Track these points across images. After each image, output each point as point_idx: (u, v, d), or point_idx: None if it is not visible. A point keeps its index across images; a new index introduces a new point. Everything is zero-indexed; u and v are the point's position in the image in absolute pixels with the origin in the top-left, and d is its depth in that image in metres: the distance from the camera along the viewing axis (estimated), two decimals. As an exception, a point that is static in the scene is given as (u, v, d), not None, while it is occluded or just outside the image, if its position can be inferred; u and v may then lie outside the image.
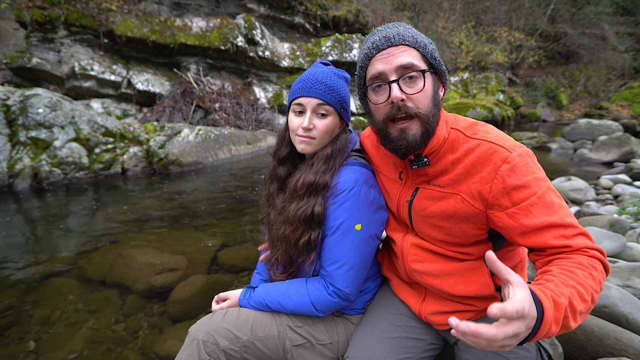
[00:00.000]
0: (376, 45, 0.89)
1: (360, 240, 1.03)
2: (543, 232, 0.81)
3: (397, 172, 1.06)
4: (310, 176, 1.05)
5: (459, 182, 0.91)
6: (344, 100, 1.11)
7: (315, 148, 1.09)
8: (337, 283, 1.03)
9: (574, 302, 0.68)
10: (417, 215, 1.01)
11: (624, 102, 19.09)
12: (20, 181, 4.91)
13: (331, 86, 1.06)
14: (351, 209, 1.01)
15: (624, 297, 1.35)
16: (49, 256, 2.96)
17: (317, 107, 1.06)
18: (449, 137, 0.93)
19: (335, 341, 1.11)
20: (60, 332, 2.05)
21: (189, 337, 1.05)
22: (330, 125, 1.08)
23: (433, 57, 0.90)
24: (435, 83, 0.91)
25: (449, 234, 0.96)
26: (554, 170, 6.17)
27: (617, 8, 21.60)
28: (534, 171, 0.85)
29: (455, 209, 0.92)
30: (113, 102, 8.77)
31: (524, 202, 0.82)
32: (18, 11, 7.63)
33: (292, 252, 1.09)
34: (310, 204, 1.04)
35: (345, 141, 1.11)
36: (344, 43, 11.14)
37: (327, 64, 1.16)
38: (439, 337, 1.12)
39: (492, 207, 0.87)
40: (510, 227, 0.85)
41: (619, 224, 2.57)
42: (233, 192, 4.87)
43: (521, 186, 0.83)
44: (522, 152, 0.86)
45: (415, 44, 0.88)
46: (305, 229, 1.05)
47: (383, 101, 0.89)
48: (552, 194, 0.84)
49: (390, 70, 0.87)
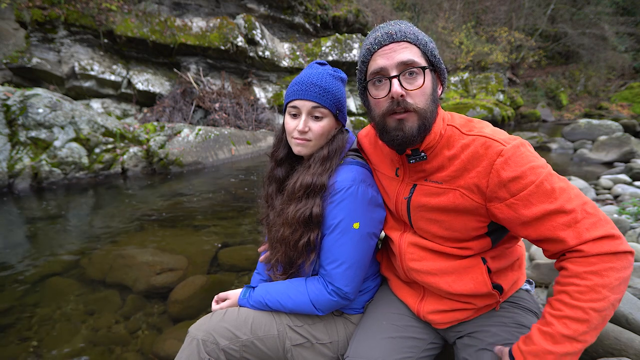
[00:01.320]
0: (378, 41, 0.89)
1: (358, 239, 1.03)
2: (545, 220, 0.81)
3: (394, 170, 1.06)
4: (308, 178, 1.05)
5: (457, 177, 0.92)
6: (339, 101, 1.10)
7: (312, 150, 1.10)
8: (336, 282, 1.04)
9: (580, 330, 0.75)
10: (416, 212, 1.01)
11: (624, 102, 19.08)
12: (20, 181, 4.91)
13: (326, 88, 1.06)
14: (349, 208, 1.02)
15: (624, 297, 1.35)
16: (49, 256, 2.96)
17: (312, 109, 1.06)
18: (445, 133, 0.94)
19: (335, 340, 1.12)
20: (60, 332, 2.05)
21: (189, 336, 1.05)
22: (325, 128, 1.08)
23: (433, 55, 0.91)
24: (434, 81, 0.92)
25: (449, 228, 0.96)
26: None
27: (617, 8, 21.60)
28: (530, 160, 0.84)
29: (455, 203, 0.93)
30: (113, 102, 8.77)
31: (522, 192, 0.82)
32: (18, 11, 7.63)
33: (291, 254, 1.09)
34: (308, 206, 1.04)
35: (341, 142, 1.11)
36: (344, 43, 11.14)
37: (323, 64, 1.15)
38: (438, 336, 1.12)
39: (492, 200, 0.88)
40: (511, 218, 0.85)
41: (619, 224, 2.57)
42: (233, 192, 4.88)
43: (517, 177, 0.83)
44: (516, 144, 0.86)
45: (417, 41, 0.89)
46: (304, 231, 1.05)
47: (383, 96, 0.90)
48: (554, 178, 0.83)
49: (391, 66, 0.87)
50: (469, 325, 1.03)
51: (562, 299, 0.78)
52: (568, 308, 0.76)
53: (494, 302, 1.01)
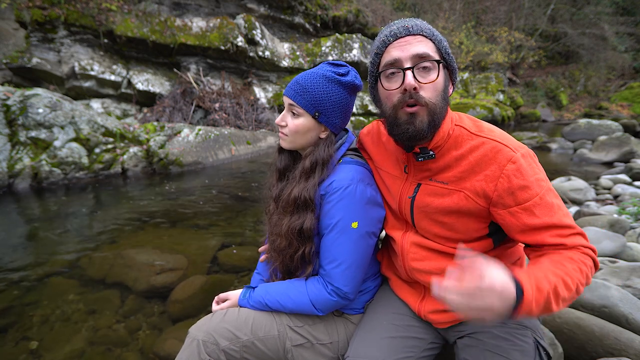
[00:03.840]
0: (394, 33, 0.90)
1: (357, 238, 1.03)
2: (542, 231, 0.86)
3: (399, 168, 1.06)
4: (296, 191, 1.07)
5: (463, 179, 0.92)
6: (321, 103, 1.05)
7: (290, 145, 1.12)
8: (335, 282, 1.04)
9: (559, 289, 0.74)
10: (419, 212, 1.01)
11: (624, 102, 19.08)
12: (20, 181, 4.91)
13: (305, 88, 1.05)
14: (347, 207, 1.02)
15: (624, 297, 1.35)
16: (49, 256, 2.96)
17: (289, 106, 1.09)
18: (453, 133, 0.94)
19: (335, 341, 1.12)
20: (60, 332, 2.05)
21: (189, 337, 1.05)
22: (300, 127, 1.08)
23: (447, 52, 0.91)
24: (446, 78, 0.92)
25: (451, 229, 0.97)
26: (554, 170, 6.17)
27: (617, 8, 21.60)
28: (536, 172, 0.88)
29: (459, 205, 0.93)
30: (113, 102, 8.77)
31: (527, 202, 0.86)
32: (18, 11, 7.63)
33: (289, 264, 1.12)
34: (300, 220, 1.06)
35: (325, 153, 1.08)
36: (344, 43, 11.14)
37: (334, 64, 1.10)
38: (438, 336, 1.12)
39: (496, 205, 0.89)
40: (512, 225, 0.89)
41: (618, 224, 2.57)
42: (233, 192, 4.88)
43: (525, 186, 0.86)
44: (525, 153, 0.89)
45: (432, 36, 0.89)
46: (299, 244, 1.07)
47: (396, 87, 0.89)
48: (552, 194, 0.88)
49: (405, 58, 0.87)
50: (469, 325, 1.03)
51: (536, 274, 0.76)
52: (566, 275, 0.77)
53: None
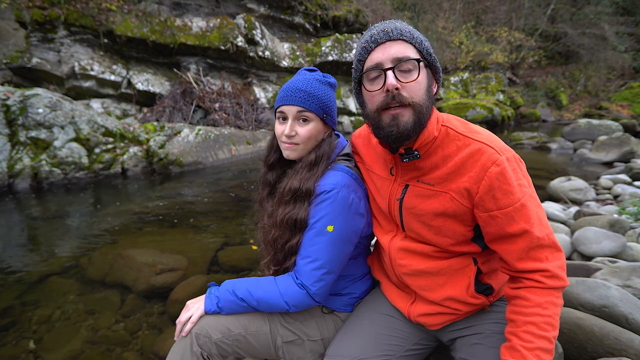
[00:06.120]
0: (375, 39, 0.90)
1: (330, 242, 1.04)
2: (517, 239, 0.87)
3: (387, 170, 1.06)
4: (295, 183, 1.08)
5: (449, 180, 0.93)
6: (326, 105, 1.11)
7: (300, 154, 1.12)
8: (304, 278, 1.04)
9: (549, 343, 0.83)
10: (407, 213, 1.01)
11: (624, 102, 19.09)
12: (20, 181, 4.91)
13: (311, 93, 1.08)
14: (326, 210, 1.03)
15: (624, 297, 1.35)
16: (49, 256, 2.96)
17: (297, 114, 1.08)
18: (440, 133, 0.94)
19: (326, 337, 1.14)
20: (60, 332, 2.05)
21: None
22: (312, 131, 1.10)
23: (428, 53, 0.92)
24: (429, 77, 0.92)
25: (438, 233, 0.97)
26: (554, 170, 6.17)
27: (617, 8, 21.60)
28: (519, 177, 0.88)
29: (445, 207, 0.94)
30: (113, 102, 8.77)
31: (508, 208, 0.86)
32: (18, 11, 7.63)
33: (279, 256, 1.12)
34: (296, 210, 1.06)
35: (329, 147, 1.13)
36: (344, 43, 11.14)
37: (312, 70, 1.17)
38: (429, 337, 1.12)
39: (478, 207, 0.90)
40: (490, 230, 0.91)
41: (619, 224, 2.57)
42: (233, 192, 4.88)
43: (507, 191, 0.86)
44: (510, 157, 0.88)
45: (412, 39, 0.90)
46: (291, 234, 1.08)
47: (378, 89, 0.90)
48: (534, 201, 0.89)
49: (386, 60, 0.88)
50: (462, 324, 1.04)
51: (531, 330, 0.83)
52: (538, 339, 0.82)
53: (485, 304, 1.02)
